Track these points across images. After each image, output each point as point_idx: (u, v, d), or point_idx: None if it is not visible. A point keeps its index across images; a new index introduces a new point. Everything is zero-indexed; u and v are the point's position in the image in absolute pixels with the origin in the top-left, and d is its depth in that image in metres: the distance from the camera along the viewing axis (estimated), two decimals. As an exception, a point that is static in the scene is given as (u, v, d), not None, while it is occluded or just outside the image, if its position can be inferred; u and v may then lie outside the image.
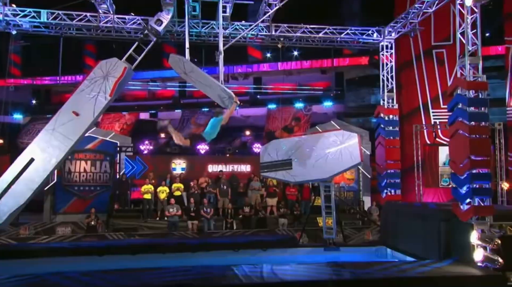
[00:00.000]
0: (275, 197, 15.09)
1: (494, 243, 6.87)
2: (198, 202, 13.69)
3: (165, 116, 29.94)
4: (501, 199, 16.27)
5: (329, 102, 30.04)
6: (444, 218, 7.83)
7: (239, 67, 31.21)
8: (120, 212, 14.03)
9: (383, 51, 10.48)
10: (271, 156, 9.41)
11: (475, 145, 7.31)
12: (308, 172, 9.28)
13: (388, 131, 10.29)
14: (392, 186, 10.26)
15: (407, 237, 8.93)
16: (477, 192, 7.31)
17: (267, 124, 30.14)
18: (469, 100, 7.41)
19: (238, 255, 9.11)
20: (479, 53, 7.61)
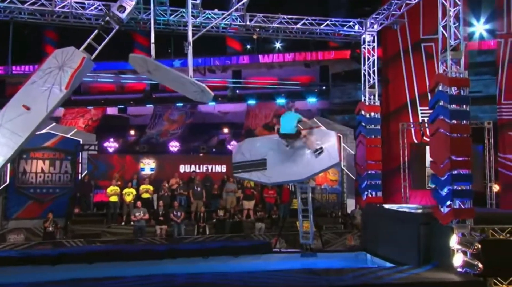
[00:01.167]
0: (252, 199, 15.11)
1: (474, 248, 7.07)
2: (168, 205, 13.59)
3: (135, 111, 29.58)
4: (490, 201, 16.77)
5: (313, 98, 30.28)
6: (424, 221, 8.02)
7: (217, 59, 31.08)
8: (81, 216, 13.78)
9: (365, 44, 10.61)
10: (245, 156, 9.39)
11: (455, 144, 7.51)
12: (285, 173, 9.27)
13: (369, 129, 10.44)
14: (373, 188, 10.42)
15: (387, 241, 9.10)
16: (458, 194, 7.50)
17: (246, 121, 30.17)
18: (450, 97, 7.59)
19: (207, 262, 9.10)
20: (461, 48, 7.80)
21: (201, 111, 30.90)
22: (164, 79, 8.52)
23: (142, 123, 28.95)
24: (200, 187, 14.52)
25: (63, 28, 11.32)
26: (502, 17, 18.30)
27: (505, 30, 18.51)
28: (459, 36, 7.79)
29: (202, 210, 13.57)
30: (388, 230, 9.08)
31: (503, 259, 7.77)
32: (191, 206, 14.30)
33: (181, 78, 8.12)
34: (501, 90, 18.71)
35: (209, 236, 12.76)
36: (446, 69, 7.77)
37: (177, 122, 29.25)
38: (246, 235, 13.17)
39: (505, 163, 18.37)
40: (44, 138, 14.05)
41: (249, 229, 14.20)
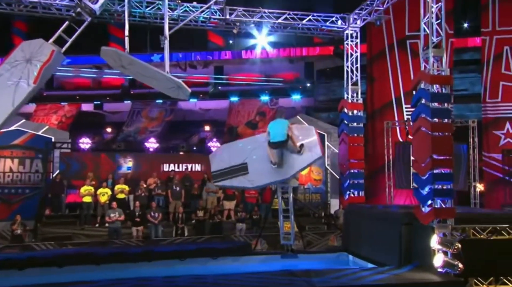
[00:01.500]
0: (233, 200, 15.11)
1: (454, 248, 7.22)
2: (145, 205, 13.48)
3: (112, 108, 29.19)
4: (474, 201, 17.16)
5: (298, 95, 30.42)
6: (405, 221, 8.15)
7: (198, 55, 30.95)
8: (53, 218, 13.55)
9: (348, 40, 10.71)
10: (223, 163, 9.30)
11: (437, 143, 7.65)
12: (267, 174, 9.27)
13: (351, 127, 10.56)
14: (356, 187, 10.55)
15: (368, 242, 9.23)
16: (439, 193, 7.65)
17: (228, 118, 30.14)
18: (432, 95, 7.73)
19: (184, 264, 9.06)
20: (443, 45, 7.94)
21: (181, 108, 30.72)
22: (139, 74, 8.42)
23: (119, 120, 28.60)
24: (179, 187, 14.44)
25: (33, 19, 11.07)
26: (487, 14, 18.76)
27: (490, 28, 18.98)
28: (441, 33, 7.93)
29: (180, 211, 13.50)
30: (370, 230, 9.21)
31: (484, 259, 7.96)
32: (169, 207, 14.22)
33: (157, 74, 8.04)
34: (486, 88, 19.12)
35: (187, 238, 12.70)
36: (428, 66, 7.89)
37: (156, 119, 29.01)
38: (226, 236, 13.16)
39: (489, 162, 18.83)
40: (13, 136, 13.74)
41: (229, 230, 14.19)
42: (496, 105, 18.85)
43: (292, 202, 10.13)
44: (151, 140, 18.28)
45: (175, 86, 8.17)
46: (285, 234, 10.21)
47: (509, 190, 17.54)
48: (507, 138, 18.42)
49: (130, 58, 7.79)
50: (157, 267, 8.83)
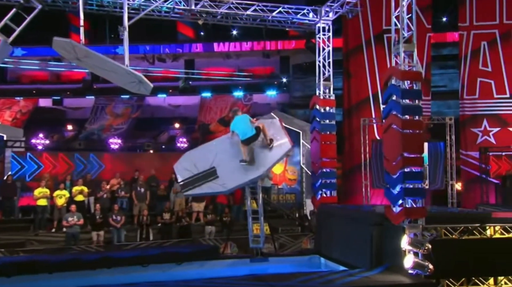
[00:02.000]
0: (203, 201, 15.10)
1: (424, 248, 7.42)
2: (107, 208, 13.31)
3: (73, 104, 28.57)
4: (451, 200, 17.66)
5: (273, 91, 30.55)
6: (377, 221, 8.33)
7: (167, 47, 30.67)
8: (3, 223, 13.23)
9: (320, 34, 10.83)
10: (190, 171, 9.23)
11: (407, 141, 7.83)
12: (239, 175, 9.25)
13: (323, 125, 10.69)
14: (328, 187, 10.69)
15: (340, 244, 9.38)
16: (409, 193, 7.84)
17: (200, 115, 30.01)
18: (402, 91, 7.91)
19: (146, 271, 8.98)
20: (414, 40, 8.13)
21: (149, 104, 30.40)
22: (96, 67, 8.26)
23: (81, 117, 28.06)
24: (144, 188, 14.32)
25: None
26: (464, 8, 19.32)
27: (468, 22, 19.56)
28: (412, 27, 8.11)
29: (145, 214, 13.40)
30: (341, 231, 9.36)
31: (456, 260, 8.23)
32: (133, 209, 14.09)
33: (116, 67, 7.91)
34: (463, 85, 19.72)
35: (153, 242, 12.63)
36: (399, 61, 8.06)
37: (122, 116, 28.60)
38: (195, 240, 13.15)
39: (466, 161, 19.44)
40: (-41, 134, 13.31)
41: (198, 233, 14.19)
42: (474, 102, 19.47)
43: (262, 203, 10.17)
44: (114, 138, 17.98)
45: (136, 81, 8.06)
46: (255, 236, 10.26)
47: (485, 189, 18.19)
48: (484, 135, 19.07)
49: (86, 49, 7.63)
50: (116, 275, 8.72)
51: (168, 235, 13.36)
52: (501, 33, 18.97)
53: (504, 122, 18.77)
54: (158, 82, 31.03)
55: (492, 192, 18.11)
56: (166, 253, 9.58)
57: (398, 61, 8.12)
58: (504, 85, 18.90)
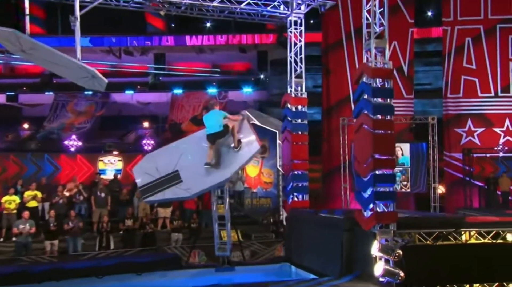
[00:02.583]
0: (169, 206, 15.03)
1: (395, 255, 7.59)
2: (62, 215, 13.13)
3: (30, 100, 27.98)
4: (434, 204, 18.02)
5: (249, 88, 30.55)
6: (347, 227, 8.46)
7: (135, 39, 30.32)
8: None
9: (291, 28, 10.94)
10: (151, 175, 9.17)
11: (379, 142, 7.99)
12: (205, 178, 9.24)
13: (295, 124, 10.79)
14: (299, 190, 10.80)
15: (311, 251, 9.50)
16: (380, 196, 8.00)
17: (171, 113, 29.78)
18: (373, 90, 8.07)
19: (102, 282, 8.91)
20: (385, 36, 8.30)
21: (115, 101, 29.99)
22: (45, 61, 8.13)
23: (39, 115, 27.47)
24: (104, 193, 14.18)
25: None
26: (448, 2, 19.76)
27: (452, 17, 20.02)
28: (384, 22, 8.27)
29: (105, 220, 13.26)
30: (312, 237, 9.48)
31: (429, 266, 8.43)
32: (92, 216, 13.93)
33: (66, 61, 7.81)
34: (447, 82, 20.16)
35: (113, 251, 12.54)
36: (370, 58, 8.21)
37: (85, 114, 28.13)
38: (159, 249, 13.09)
39: (450, 162, 19.88)
40: None
41: (164, 241, 14.12)
42: (458, 101, 19.93)
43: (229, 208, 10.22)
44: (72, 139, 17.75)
45: (89, 76, 7.99)
46: (221, 244, 10.29)
47: (469, 192, 18.62)
48: (468, 136, 19.53)
49: (31, 41, 7.48)
50: (68, 287, 8.63)
51: (130, 243, 13.29)
52: (486, 29, 19.47)
53: (489, 122, 19.26)
54: (125, 78, 30.77)
55: (475, 195, 18.55)
56: (124, 263, 9.52)
57: (369, 57, 8.26)
58: (488, 84, 19.41)
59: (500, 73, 19.21)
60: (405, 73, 19.87)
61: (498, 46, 19.25)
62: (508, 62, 19.19)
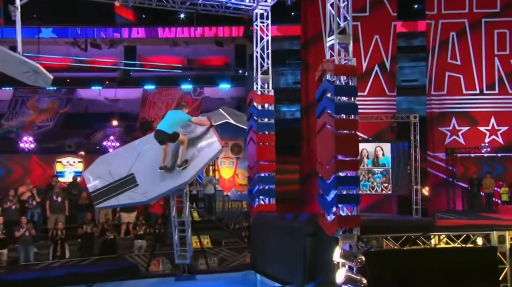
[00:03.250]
0: (133, 211, 15.01)
1: (357, 261, 7.72)
2: (14, 222, 13.00)
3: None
4: (415, 207, 18.30)
5: (227, 84, 30.61)
6: (310, 232, 8.58)
7: (102, 31, 30.20)
8: None
9: (257, 21, 11.02)
10: (104, 179, 9.14)
11: (342, 142, 8.11)
12: (163, 181, 9.25)
13: (261, 124, 10.84)
14: (266, 194, 10.87)
15: (275, 257, 9.60)
16: (343, 200, 8.13)
17: (142, 111, 29.75)
18: (336, 88, 8.19)
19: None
20: (349, 31, 8.43)
21: (81, 97, 29.91)
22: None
23: (-3, 112, 27.25)
24: (61, 197, 14.08)
25: None
26: (432, -6, 20.10)
27: (436, 10, 20.36)
28: (347, 17, 8.40)
29: (60, 227, 13.17)
30: (276, 243, 9.59)
31: (396, 272, 8.61)
32: (47, 222, 13.83)
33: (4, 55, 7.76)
34: (430, 79, 20.49)
35: (68, 260, 12.46)
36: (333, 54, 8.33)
37: (48, 111, 27.96)
38: (120, 257, 13.07)
39: (434, 163, 20.21)
40: None
41: (126, 248, 14.10)
42: (442, 99, 20.28)
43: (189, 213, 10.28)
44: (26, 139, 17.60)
45: (31, 71, 7.95)
46: (181, 251, 10.34)
47: (452, 194, 18.95)
48: (453, 135, 19.89)
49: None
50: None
51: (89, 251, 13.22)
52: (471, 23, 19.87)
53: (474, 121, 19.66)
54: (92, 72, 30.58)
55: (459, 197, 18.91)
56: (75, 273, 9.45)
57: (333, 53, 8.38)
58: (473, 80, 19.81)
59: (485, 69, 19.66)
60: (388, 69, 20.12)
61: (483, 41, 19.69)
62: (494, 58, 19.64)
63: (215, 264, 14.00)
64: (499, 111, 19.51)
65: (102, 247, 13.55)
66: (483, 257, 8.98)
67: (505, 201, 17.36)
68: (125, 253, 13.65)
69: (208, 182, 17.93)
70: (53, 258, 12.76)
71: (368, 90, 20.21)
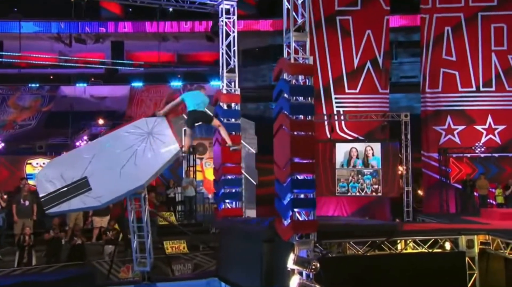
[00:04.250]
0: (107, 214, 15.03)
1: (311, 267, 7.81)
2: (-23, 228, 13.10)
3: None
4: (406, 209, 18.26)
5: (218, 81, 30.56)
6: (267, 237, 8.68)
7: (87, 25, 30.33)
8: None
9: (223, 17, 11.11)
10: (55, 183, 8.98)
11: (297, 144, 8.20)
12: (117, 185, 9.23)
13: (226, 124, 10.88)
14: (232, 197, 10.95)
15: (236, 264, 9.71)
16: (299, 204, 8.22)
17: (129, 109, 29.95)
18: (291, 87, 8.28)
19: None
20: (306, 28, 8.50)
21: (65, 95, 30.06)
22: None
23: (-24, 110, 27.51)
24: (29, 201, 14.09)
25: None
26: (427, -12, 20.06)
27: (430, 4, 20.32)
28: (304, 14, 8.46)
29: (27, 232, 13.19)
30: (237, 249, 9.70)
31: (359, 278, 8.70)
32: (14, 228, 13.86)
33: None
34: (425, 76, 20.45)
35: (32, 267, 12.44)
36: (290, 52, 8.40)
37: (30, 109, 28.20)
38: (87, 263, 13.10)
39: (428, 163, 20.18)
40: None
41: (97, 254, 14.08)
42: (436, 96, 20.27)
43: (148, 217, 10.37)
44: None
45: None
46: (141, 258, 10.43)
47: (445, 196, 18.91)
48: (448, 134, 19.87)
49: None
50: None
51: (56, 257, 13.18)
52: (466, 17, 19.81)
53: (470, 119, 19.63)
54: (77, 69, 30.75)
55: (453, 199, 18.88)
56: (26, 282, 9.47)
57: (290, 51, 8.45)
58: (469, 77, 19.76)
59: (482, 65, 19.60)
60: (380, 65, 20.13)
61: (480, 36, 19.62)
62: (491, 54, 19.56)
63: (189, 270, 14.06)
64: (496, 109, 19.47)
65: (70, 253, 13.54)
66: (451, 263, 9.07)
67: (500, 203, 17.32)
68: (94, 259, 13.63)
69: (188, 184, 17.96)
70: (18, 265, 12.68)
71: (359, 87, 20.29)
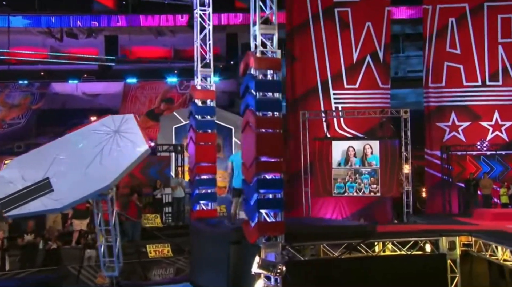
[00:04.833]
0: (87, 217, 15.10)
1: (276, 271, 7.82)
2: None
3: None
4: (406, 210, 18.10)
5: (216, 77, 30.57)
6: (234, 239, 8.70)
7: (79, 19, 30.45)
8: None
9: (197, 9, 11.12)
10: (15, 184, 9.05)
11: (263, 142, 8.20)
12: (81, 187, 9.26)
13: (200, 121, 10.94)
14: (206, 198, 10.97)
15: (206, 267, 9.75)
16: (266, 204, 8.22)
17: (123, 106, 30.02)
18: (256, 83, 8.28)
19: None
20: (274, 21, 8.49)
21: (56, 92, 30.22)
22: None
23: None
24: (3, 203, 14.27)
25: None
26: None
27: (433, -6, 20.17)
28: (273, 6, 8.45)
29: (1, 236, 13.29)
30: (208, 252, 9.73)
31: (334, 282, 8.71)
32: (-13, 231, 13.99)
33: None
34: (428, 70, 20.28)
35: (6, 273, 12.56)
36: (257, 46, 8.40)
37: (19, 107, 28.44)
38: (62, 268, 13.14)
39: (432, 162, 20.01)
40: None
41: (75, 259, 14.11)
42: (440, 91, 20.11)
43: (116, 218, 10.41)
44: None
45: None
46: (109, 262, 10.47)
47: (448, 195, 18.72)
48: (452, 131, 19.72)
49: None
50: None
51: (30, 262, 13.25)
52: (471, 8, 19.61)
53: (475, 115, 19.45)
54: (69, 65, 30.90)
55: (456, 198, 18.72)
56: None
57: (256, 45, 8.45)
58: (475, 71, 19.57)
59: (487, 58, 19.40)
60: (381, 59, 20.02)
61: (485, 27, 19.42)
62: (497, 46, 19.37)
63: (171, 275, 14.10)
64: (503, 105, 19.32)
65: (46, 257, 13.59)
66: (431, 265, 9.03)
67: (504, 203, 17.19)
68: (72, 264, 13.65)
69: (177, 184, 18.02)
70: (-10, 271, 12.87)
71: (359, 82, 20.20)
